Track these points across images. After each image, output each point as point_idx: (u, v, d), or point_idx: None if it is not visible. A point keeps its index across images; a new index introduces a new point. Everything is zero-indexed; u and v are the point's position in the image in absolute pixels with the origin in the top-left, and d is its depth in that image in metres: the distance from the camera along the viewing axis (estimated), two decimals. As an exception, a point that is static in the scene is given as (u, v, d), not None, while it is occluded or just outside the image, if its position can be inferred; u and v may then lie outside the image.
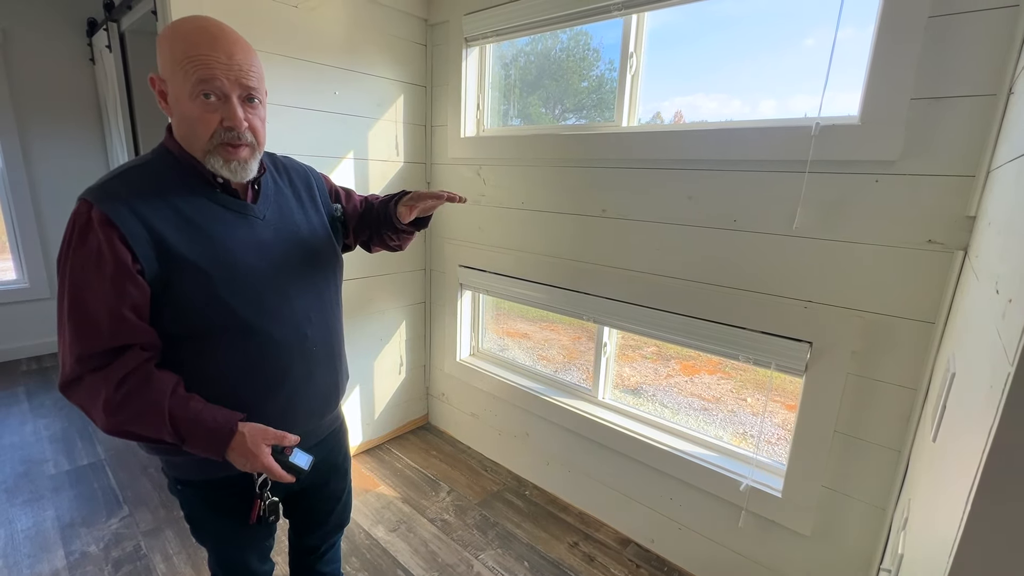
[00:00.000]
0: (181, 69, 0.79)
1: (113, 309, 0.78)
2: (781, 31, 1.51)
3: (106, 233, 0.77)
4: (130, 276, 0.78)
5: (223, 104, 0.82)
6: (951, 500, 0.60)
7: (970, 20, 1.10)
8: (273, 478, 0.87)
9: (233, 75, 0.81)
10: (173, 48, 0.80)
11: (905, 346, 1.28)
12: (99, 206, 0.77)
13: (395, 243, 1.18)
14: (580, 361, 2.29)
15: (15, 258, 3.37)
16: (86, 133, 3.40)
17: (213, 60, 0.79)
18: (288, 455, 0.88)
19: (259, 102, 0.88)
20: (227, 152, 0.84)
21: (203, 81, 0.79)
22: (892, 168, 1.24)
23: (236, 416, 0.85)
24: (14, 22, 3.04)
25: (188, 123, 0.83)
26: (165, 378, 0.82)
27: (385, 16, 2.14)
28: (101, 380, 0.79)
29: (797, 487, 1.49)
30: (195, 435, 0.82)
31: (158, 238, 0.80)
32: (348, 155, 2.14)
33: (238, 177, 0.88)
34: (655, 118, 1.80)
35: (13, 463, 2.28)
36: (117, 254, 0.77)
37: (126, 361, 0.79)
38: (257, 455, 0.84)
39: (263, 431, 0.86)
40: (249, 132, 0.86)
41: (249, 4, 1.73)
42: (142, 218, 0.79)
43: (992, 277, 0.73)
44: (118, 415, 0.79)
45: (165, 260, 0.81)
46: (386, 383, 2.53)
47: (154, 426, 0.80)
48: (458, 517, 2.05)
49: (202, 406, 0.83)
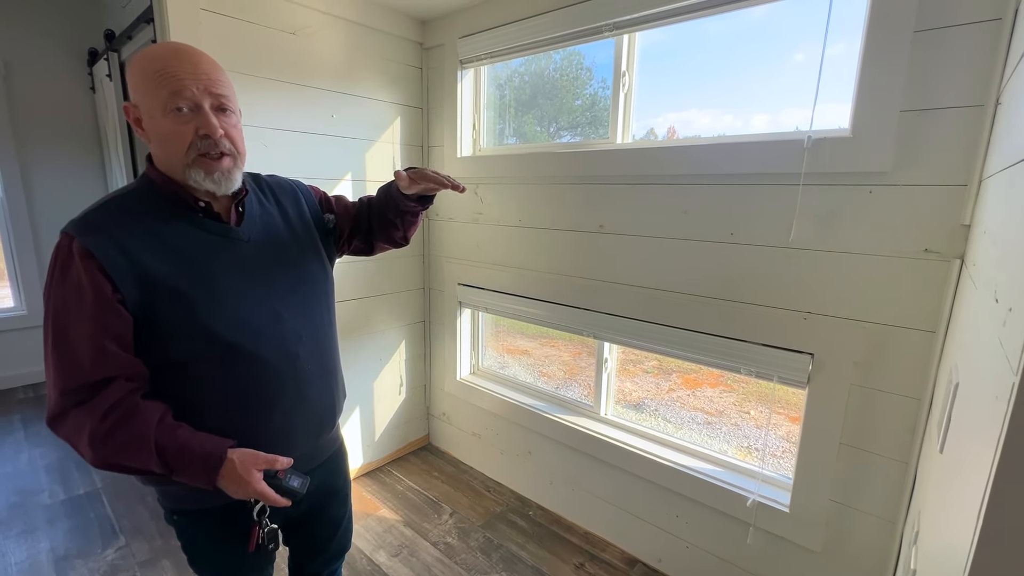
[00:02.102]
0: (151, 86, 0.80)
1: (95, 341, 0.77)
2: (771, 47, 1.54)
3: (86, 265, 0.77)
4: (111, 307, 0.78)
5: (196, 115, 0.82)
6: (962, 512, 0.59)
7: (955, 34, 1.12)
8: (268, 503, 0.85)
9: (202, 84, 0.82)
10: (143, 68, 0.81)
11: (907, 356, 1.27)
12: (79, 239, 0.77)
13: (399, 232, 1.16)
14: (581, 377, 2.28)
15: (12, 285, 3.37)
16: (86, 160, 3.43)
17: (180, 71, 0.80)
18: (282, 479, 0.86)
19: (231, 112, 0.87)
20: (208, 164, 0.84)
21: (174, 94, 0.79)
22: (885, 179, 1.25)
23: (225, 443, 0.83)
24: (18, 53, 3.09)
25: (164, 140, 0.82)
26: (151, 408, 0.81)
27: (381, 41, 2.18)
28: (85, 414, 0.77)
29: (805, 501, 1.46)
30: (184, 465, 0.80)
31: (139, 267, 0.79)
32: (346, 176, 2.15)
33: (223, 189, 0.87)
34: (649, 134, 1.83)
35: (7, 493, 2.24)
36: (97, 285, 0.77)
37: (110, 393, 0.78)
38: (249, 481, 0.82)
39: (253, 456, 0.84)
40: (226, 140, 0.85)
41: (248, 32, 1.76)
42: (122, 248, 0.79)
43: (990, 286, 0.74)
44: (104, 448, 0.78)
45: (147, 288, 0.80)
46: (386, 404, 2.51)
47: (141, 458, 0.79)
48: (461, 540, 2.01)
49: (190, 434, 0.82)
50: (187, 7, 1.60)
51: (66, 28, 3.21)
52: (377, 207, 1.15)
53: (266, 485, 0.84)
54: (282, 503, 0.86)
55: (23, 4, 3.07)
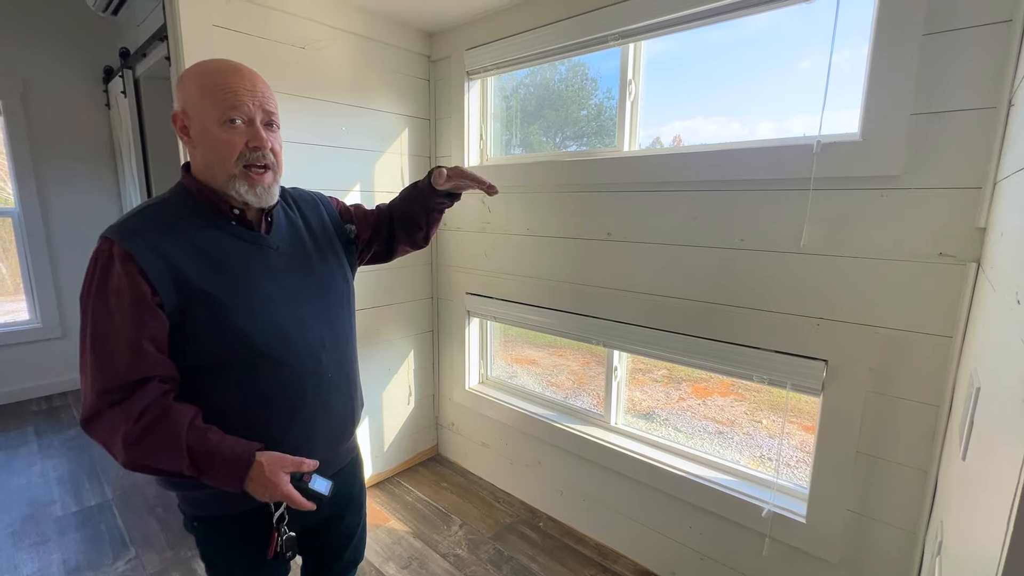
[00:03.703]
0: (210, 98, 0.85)
1: (132, 342, 0.79)
2: (777, 54, 1.54)
3: (126, 268, 0.79)
4: (149, 309, 0.80)
5: (248, 127, 0.87)
6: (990, 521, 0.58)
7: (965, 36, 1.12)
8: (293, 506, 0.86)
9: (257, 101, 0.88)
10: (201, 81, 0.86)
11: (924, 361, 1.25)
12: (120, 242, 0.80)
13: (422, 232, 1.21)
14: (590, 386, 2.26)
15: (28, 298, 3.41)
16: (100, 175, 3.49)
17: (240, 88, 0.86)
18: (308, 482, 0.87)
19: (277, 128, 0.94)
20: (252, 178, 0.89)
21: (232, 108, 0.85)
22: (897, 182, 1.24)
23: (253, 446, 0.85)
24: (35, 71, 3.17)
25: (215, 148, 0.86)
26: (183, 410, 0.82)
27: (389, 54, 2.21)
28: (121, 414, 0.79)
29: (821, 512, 1.43)
30: (213, 467, 0.81)
31: (176, 271, 0.82)
32: (355, 187, 2.17)
33: (263, 202, 0.91)
34: (655, 143, 1.83)
35: (20, 505, 2.25)
36: (137, 288, 0.79)
37: (145, 394, 0.80)
38: (277, 484, 0.83)
39: (281, 459, 0.86)
40: (271, 153, 0.90)
41: (259, 47, 1.80)
42: (160, 252, 0.82)
43: (1011, 288, 0.72)
44: (136, 449, 0.79)
45: (183, 292, 0.82)
46: (395, 414, 2.50)
47: (172, 459, 0.80)
48: (471, 552, 1.99)
49: (219, 438, 0.83)
50: (200, 24, 1.64)
51: (82, 46, 3.29)
52: (401, 208, 1.19)
53: (293, 488, 0.85)
54: (308, 506, 0.87)
55: (41, 24, 3.16)
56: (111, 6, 2.47)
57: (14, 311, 3.47)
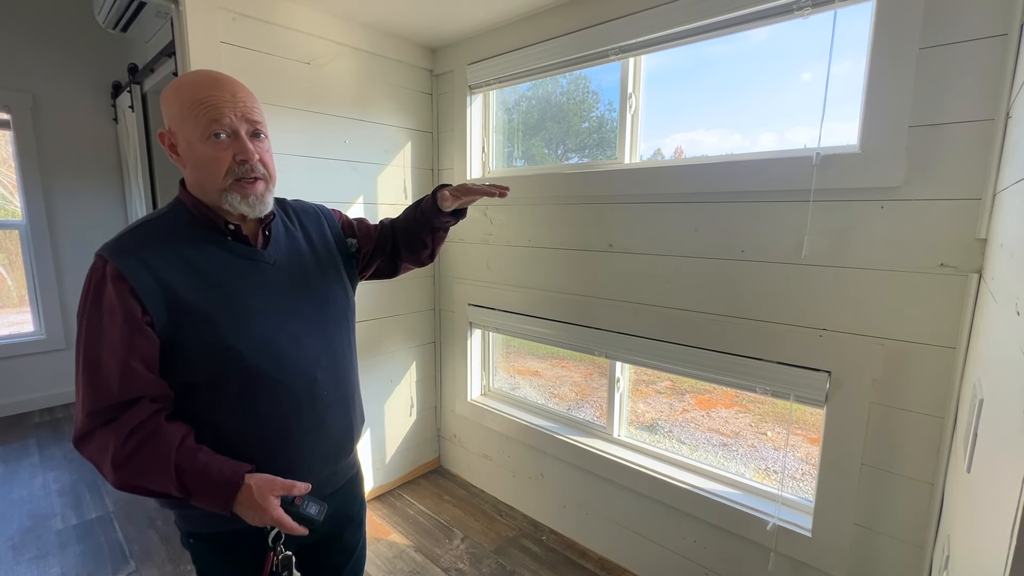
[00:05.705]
0: (191, 114, 0.83)
1: (122, 362, 0.78)
2: (777, 67, 1.56)
3: (118, 287, 0.79)
4: (139, 328, 0.79)
5: (234, 141, 0.85)
6: (994, 534, 0.57)
7: (961, 50, 1.13)
8: (284, 531, 0.84)
9: (239, 111, 0.85)
10: (180, 97, 0.84)
11: (927, 373, 1.24)
12: (112, 261, 0.79)
13: (427, 250, 1.18)
14: (593, 398, 2.25)
15: (33, 310, 3.44)
16: (107, 189, 3.54)
17: (220, 100, 0.84)
18: (299, 505, 0.85)
19: (265, 136, 0.91)
20: (243, 188, 0.87)
21: (214, 121, 0.83)
22: (897, 194, 1.24)
23: (243, 468, 0.83)
24: (45, 87, 3.23)
25: (202, 165, 0.85)
26: (173, 430, 0.81)
27: (392, 69, 2.25)
28: (111, 433, 0.78)
29: (827, 525, 1.42)
30: (201, 489, 0.80)
31: (168, 288, 0.82)
32: (358, 200, 2.19)
33: (256, 212, 0.90)
34: (656, 155, 1.84)
35: (21, 518, 2.24)
36: (128, 307, 0.79)
37: (135, 414, 0.79)
38: (266, 508, 0.81)
39: (270, 482, 0.83)
40: (260, 164, 0.88)
41: (265, 62, 1.83)
42: (153, 270, 0.81)
43: (1011, 299, 0.72)
44: (125, 470, 0.78)
45: (174, 310, 0.82)
46: (397, 426, 2.49)
47: (160, 480, 0.79)
48: (473, 566, 1.96)
49: (208, 458, 0.81)
50: (207, 41, 1.67)
51: (91, 62, 3.35)
52: (405, 227, 1.16)
53: (283, 512, 0.83)
54: (299, 531, 0.84)
55: (51, 40, 3.22)
56: (120, 23, 2.52)
57: (19, 323, 3.49)
